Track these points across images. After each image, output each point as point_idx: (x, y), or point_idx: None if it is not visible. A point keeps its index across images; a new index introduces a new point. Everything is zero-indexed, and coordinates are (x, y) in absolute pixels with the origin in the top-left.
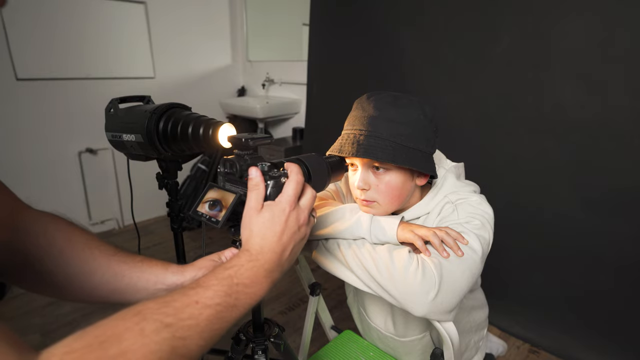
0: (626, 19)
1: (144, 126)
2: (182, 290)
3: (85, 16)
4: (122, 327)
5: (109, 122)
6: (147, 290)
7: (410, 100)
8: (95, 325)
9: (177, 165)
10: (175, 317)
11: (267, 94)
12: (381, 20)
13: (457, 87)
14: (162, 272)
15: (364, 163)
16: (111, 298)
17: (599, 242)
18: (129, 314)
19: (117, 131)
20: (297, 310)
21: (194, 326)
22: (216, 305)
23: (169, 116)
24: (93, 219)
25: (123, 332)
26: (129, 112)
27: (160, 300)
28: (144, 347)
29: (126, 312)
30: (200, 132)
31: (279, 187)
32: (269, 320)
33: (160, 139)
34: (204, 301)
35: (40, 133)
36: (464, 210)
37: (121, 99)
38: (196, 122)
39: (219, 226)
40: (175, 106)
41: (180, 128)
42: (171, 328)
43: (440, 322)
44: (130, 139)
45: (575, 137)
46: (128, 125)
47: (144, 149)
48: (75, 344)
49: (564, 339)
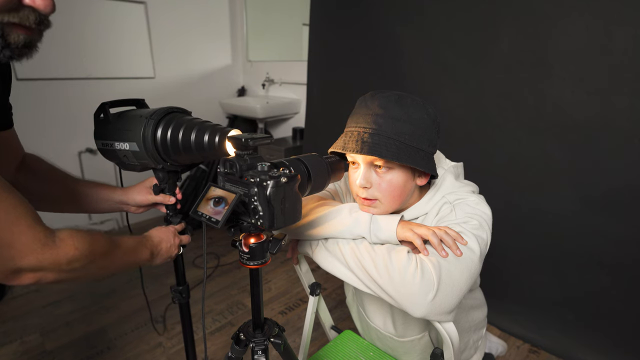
0: (626, 19)
1: (140, 133)
2: (123, 237)
3: (85, 16)
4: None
5: (98, 128)
6: (100, 204)
7: (414, 100)
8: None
9: (176, 176)
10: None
11: (267, 94)
12: (381, 20)
13: (457, 87)
14: (110, 192)
15: (367, 161)
16: (72, 209)
17: (599, 242)
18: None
19: (108, 139)
20: (297, 310)
21: (122, 247)
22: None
23: (168, 122)
24: (93, 219)
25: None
26: (122, 118)
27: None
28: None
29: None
30: (205, 139)
31: (279, 188)
32: (269, 320)
33: (158, 147)
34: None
35: (40, 133)
36: (461, 211)
37: (112, 103)
38: (200, 129)
39: (218, 226)
40: (174, 110)
41: (182, 135)
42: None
43: (440, 322)
44: (124, 147)
45: (575, 137)
46: (121, 132)
47: (139, 159)
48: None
49: (564, 339)
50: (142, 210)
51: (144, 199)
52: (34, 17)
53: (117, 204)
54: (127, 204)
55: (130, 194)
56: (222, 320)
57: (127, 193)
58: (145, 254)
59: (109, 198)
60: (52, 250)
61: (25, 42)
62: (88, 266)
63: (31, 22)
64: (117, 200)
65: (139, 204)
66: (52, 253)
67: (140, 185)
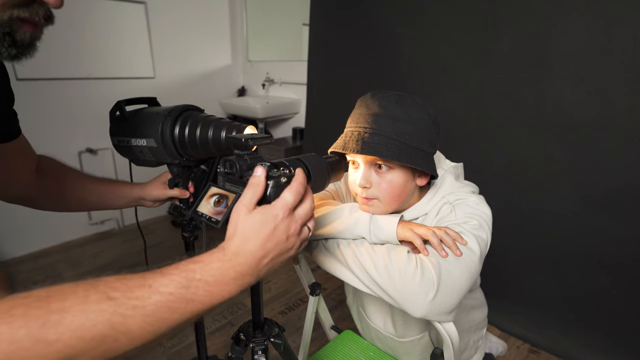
0: (626, 19)
1: (158, 130)
2: (143, 273)
3: (85, 16)
4: (71, 290)
5: (114, 125)
6: (120, 201)
7: (414, 100)
8: (57, 286)
9: (189, 171)
10: (122, 294)
11: (267, 94)
12: (381, 20)
13: (457, 87)
14: (128, 188)
15: (367, 161)
16: (94, 207)
17: (599, 242)
18: (86, 282)
19: (124, 135)
20: (297, 310)
21: (139, 307)
22: (168, 294)
23: (185, 119)
24: (93, 219)
25: (70, 294)
26: (139, 115)
27: (118, 276)
28: (82, 312)
29: (87, 280)
30: (222, 135)
31: (279, 188)
32: (269, 320)
33: (176, 143)
34: (156, 287)
35: (40, 133)
36: (461, 211)
37: (127, 101)
38: (217, 126)
39: (218, 226)
40: (189, 108)
41: (199, 131)
42: (114, 302)
43: (440, 322)
44: (141, 143)
45: (575, 137)
46: (138, 129)
47: (156, 154)
48: (32, 293)
49: (564, 339)
50: (157, 205)
51: (160, 193)
52: (42, 12)
53: (135, 199)
54: (144, 199)
55: (147, 190)
56: (222, 320)
57: (144, 189)
58: (220, 293)
59: (127, 194)
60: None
61: (31, 39)
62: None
63: (40, 16)
64: (135, 196)
65: (156, 198)
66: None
67: (156, 180)
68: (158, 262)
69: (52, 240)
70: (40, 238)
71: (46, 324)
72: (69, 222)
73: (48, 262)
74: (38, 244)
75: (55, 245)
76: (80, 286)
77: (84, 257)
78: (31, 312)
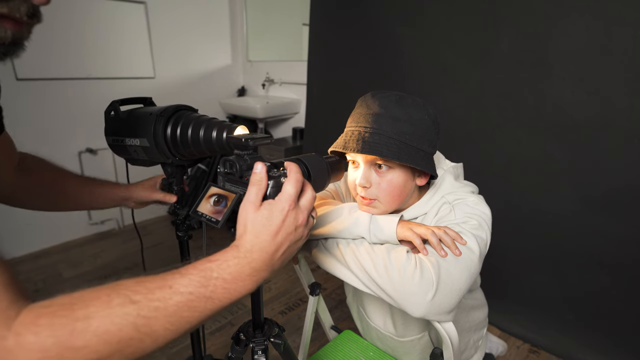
0: (626, 19)
1: (151, 130)
2: (162, 274)
3: (85, 16)
4: (93, 296)
5: (109, 125)
6: (103, 200)
7: (415, 100)
8: (77, 292)
9: (183, 170)
10: (144, 297)
11: (267, 94)
12: (381, 20)
13: (457, 87)
14: (112, 188)
15: (367, 160)
16: (80, 207)
17: (599, 242)
18: (106, 286)
19: (119, 135)
20: (297, 310)
21: (161, 309)
22: (188, 293)
23: (177, 119)
24: (93, 219)
25: (92, 299)
26: (132, 115)
27: (138, 279)
28: (106, 316)
29: (106, 285)
30: (213, 135)
31: (279, 187)
32: (269, 320)
33: (168, 143)
34: (177, 287)
35: (40, 133)
36: (461, 211)
37: (122, 101)
38: (208, 126)
39: (218, 226)
40: (182, 108)
41: (191, 131)
42: (136, 305)
43: (440, 322)
44: (134, 143)
45: (575, 137)
46: (132, 128)
47: (149, 154)
48: (54, 302)
49: (564, 339)
50: (142, 206)
51: (145, 195)
52: (25, 9)
53: (119, 200)
54: (128, 200)
55: (133, 191)
56: (222, 320)
57: (129, 190)
58: (236, 289)
59: (111, 195)
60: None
61: (14, 38)
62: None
63: (22, 13)
64: (119, 197)
65: (141, 200)
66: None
67: (145, 182)
68: (158, 262)
69: (52, 240)
70: (40, 238)
71: (73, 332)
72: (69, 222)
73: (48, 262)
74: (38, 244)
75: (55, 245)
76: (102, 291)
77: (84, 257)
78: (57, 321)
